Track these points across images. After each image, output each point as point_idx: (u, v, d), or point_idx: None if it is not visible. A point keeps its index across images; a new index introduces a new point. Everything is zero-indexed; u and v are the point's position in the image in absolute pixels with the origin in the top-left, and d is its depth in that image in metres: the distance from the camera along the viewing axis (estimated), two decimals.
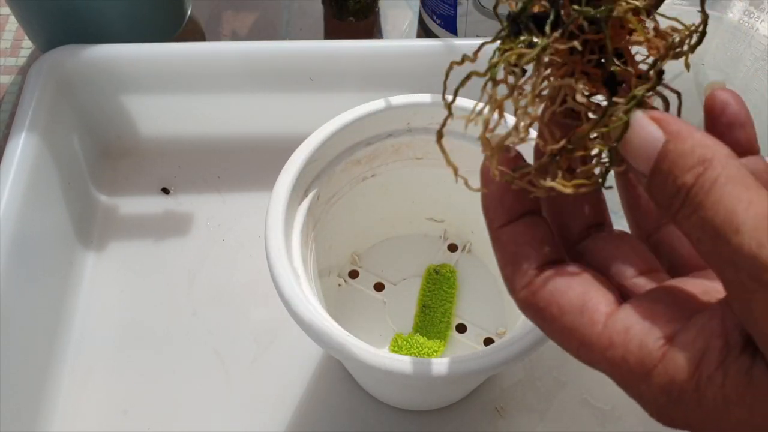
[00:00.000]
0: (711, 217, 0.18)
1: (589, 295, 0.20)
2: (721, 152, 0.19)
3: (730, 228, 0.17)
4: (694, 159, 0.19)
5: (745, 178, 0.18)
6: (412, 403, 0.43)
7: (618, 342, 0.19)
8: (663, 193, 0.19)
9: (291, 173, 0.37)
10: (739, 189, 0.18)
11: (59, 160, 0.47)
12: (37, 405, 0.42)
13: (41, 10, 0.52)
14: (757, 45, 0.44)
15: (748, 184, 0.18)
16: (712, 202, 0.18)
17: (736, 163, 0.18)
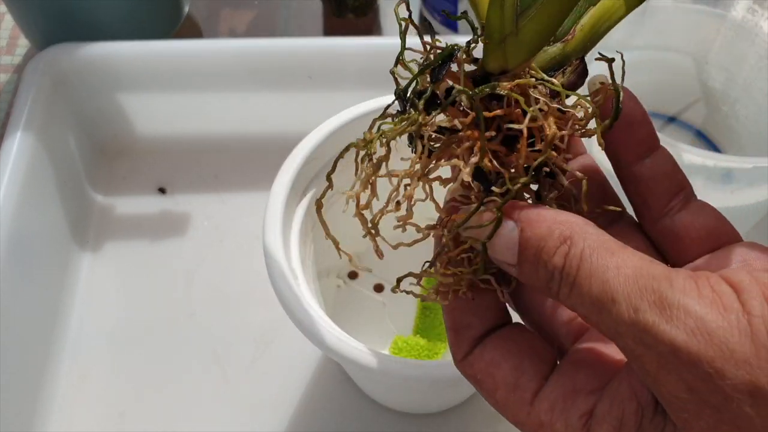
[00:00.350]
0: (587, 292, 0.17)
1: (521, 369, 0.20)
2: (577, 225, 0.19)
3: (607, 299, 0.17)
4: (555, 240, 0.18)
5: (607, 243, 0.18)
6: (413, 406, 0.42)
7: (546, 422, 0.19)
8: (537, 279, 0.19)
9: (289, 173, 0.37)
10: (605, 257, 0.18)
11: (55, 159, 0.47)
12: (34, 407, 0.42)
13: (37, 8, 0.52)
14: (761, 43, 0.44)
15: (611, 248, 0.18)
16: (585, 278, 0.18)
17: (594, 230, 0.18)
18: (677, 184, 0.22)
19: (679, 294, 0.16)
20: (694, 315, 0.16)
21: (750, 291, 0.16)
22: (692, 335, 0.16)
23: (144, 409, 0.43)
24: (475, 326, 0.21)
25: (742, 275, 0.16)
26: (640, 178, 0.22)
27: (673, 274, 0.17)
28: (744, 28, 0.45)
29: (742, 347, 0.15)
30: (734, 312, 0.16)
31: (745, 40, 0.45)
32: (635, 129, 0.21)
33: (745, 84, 0.46)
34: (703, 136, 0.50)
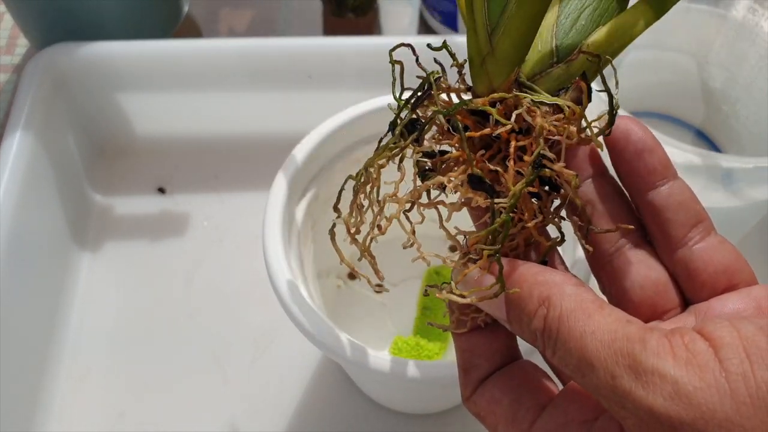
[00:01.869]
0: (568, 356, 0.18)
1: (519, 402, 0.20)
2: (556, 285, 0.19)
3: (586, 366, 0.17)
4: (534, 302, 0.19)
5: (584, 304, 0.18)
6: (413, 407, 0.42)
7: None
8: (525, 337, 0.19)
9: (289, 172, 0.37)
10: (582, 320, 0.18)
11: (54, 159, 0.47)
12: (34, 407, 0.42)
13: (37, 8, 0.52)
14: (761, 43, 0.44)
15: (588, 310, 0.18)
16: (564, 342, 0.18)
17: (572, 290, 0.18)
18: (695, 216, 0.22)
19: (653, 357, 0.16)
20: (669, 379, 0.16)
21: (730, 347, 0.16)
22: (670, 400, 0.15)
23: (144, 409, 0.43)
24: (482, 368, 0.22)
25: (724, 330, 0.16)
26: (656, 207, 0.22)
27: (647, 335, 0.17)
28: (745, 27, 0.45)
29: (723, 407, 0.15)
30: (711, 371, 0.15)
31: (745, 40, 0.45)
32: (646, 156, 0.21)
33: (745, 84, 0.46)
34: (703, 136, 0.50)
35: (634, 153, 0.21)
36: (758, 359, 0.15)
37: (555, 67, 0.22)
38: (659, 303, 0.21)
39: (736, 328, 0.16)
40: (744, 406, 0.15)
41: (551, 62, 0.22)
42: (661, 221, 0.22)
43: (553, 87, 0.22)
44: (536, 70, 0.22)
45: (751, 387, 0.15)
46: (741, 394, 0.15)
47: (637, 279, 0.21)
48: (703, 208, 0.22)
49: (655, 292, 0.21)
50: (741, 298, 0.20)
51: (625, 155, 0.21)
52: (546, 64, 0.22)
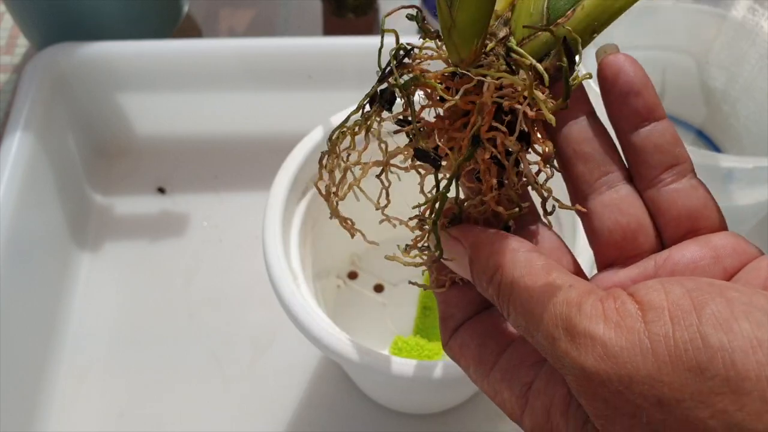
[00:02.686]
0: (518, 318, 0.19)
1: (484, 346, 0.22)
2: (510, 251, 0.20)
3: (532, 327, 0.19)
4: (489, 269, 0.20)
5: (532, 270, 0.19)
6: (414, 407, 0.42)
7: (498, 390, 0.22)
8: (487, 297, 0.21)
9: (289, 172, 0.37)
10: (529, 285, 0.19)
11: (54, 159, 0.47)
12: (33, 407, 0.42)
13: (36, 8, 0.52)
14: (761, 43, 0.44)
15: (536, 276, 0.19)
16: (514, 306, 0.19)
17: (523, 257, 0.20)
18: (672, 158, 0.22)
19: (586, 320, 0.18)
20: (599, 341, 0.17)
21: (656, 310, 0.17)
22: (600, 360, 0.17)
23: (143, 409, 0.43)
24: (456, 317, 0.23)
25: (654, 294, 0.17)
26: (633, 147, 0.22)
27: (584, 299, 0.18)
28: (745, 27, 0.45)
29: (645, 365, 0.16)
30: (636, 333, 0.17)
31: (745, 40, 0.45)
32: (631, 99, 0.22)
33: (745, 83, 0.46)
34: (703, 136, 0.50)
35: (620, 95, 0.22)
36: (679, 321, 0.16)
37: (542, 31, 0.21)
38: (627, 247, 0.22)
39: (665, 291, 0.17)
40: (664, 364, 0.16)
41: (540, 25, 0.21)
42: (637, 162, 0.22)
43: (542, 51, 0.21)
44: (526, 33, 0.22)
45: (671, 346, 0.16)
46: (661, 353, 0.16)
47: (606, 223, 0.22)
48: (686, 151, 0.22)
49: (623, 237, 0.22)
50: (700, 247, 0.21)
51: (611, 96, 0.22)
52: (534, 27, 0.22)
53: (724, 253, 0.21)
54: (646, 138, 0.22)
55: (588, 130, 0.23)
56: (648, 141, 0.22)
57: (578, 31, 0.21)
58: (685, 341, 0.16)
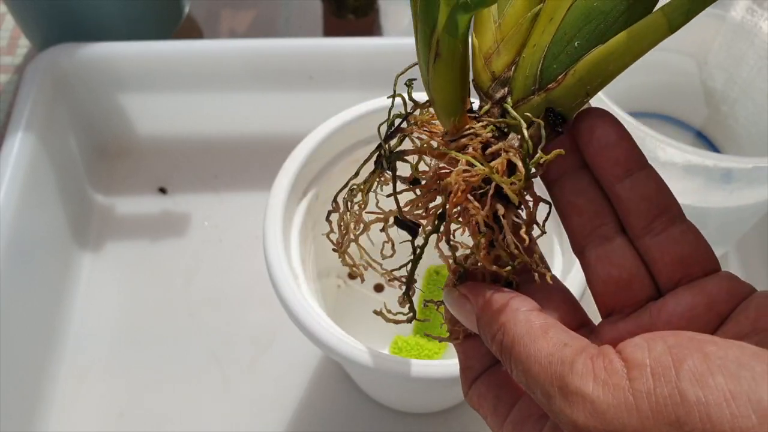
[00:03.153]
0: (520, 375, 0.20)
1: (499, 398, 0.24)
2: (510, 311, 0.21)
3: (532, 385, 0.20)
4: (494, 327, 0.21)
5: (531, 329, 0.20)
6: (413, 406, 0.42)
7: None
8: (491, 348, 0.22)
9: (289, 173, 0.37)
10: (528, 345, 0.20)
11: (56, 160, 0.47)
12: (33, 407, 0.42)
13: (38, 9, 0.52)
14: (760, 44, 0.44)
15: (534, 335, 0.20)
16: (516, 364, 0.21)
17: (523, 316, 0.21)
18: (659, 206, 0.22)
19: (578, 379, 0.19)
20: (588, 398, 0.18)
21: (640, 367, 0.18)
22: (589, 417, 0.18)
23: (144, 409, 0.43)
24: (475, 368, 0.24)
25: (638, 351, 0.18)
26: (619, 199, 0.23)
27: (576, 358, 0.19)
28: (743, 28, 0.45)
29: (630, 421, 0.17)
30: (622, 390, 0.18)
31: (744, 41, 0.45)
32: (609, 151, 0.22)
33: (744, 84, 0.46)
34: (703, 137, 0.50)
35: (598, 148, 0.22)
36: (660, 377, 0.17)
37: (534, 95, 0.21)
38: (622, 297, 0.23)
39: (648, 348, 0.18)
40: (647, 419, 0.17)
41: (532, 89, 0.21)
42: (626, 213, 0.23)
43: (535, 115, 0.21)
44: (520, 96, 0.21)
45: (652, 402, 0.17)
46: (644, 409, 0.17)
47: (601, 275, 0.23)
48: (672, 196, 0.23)
49: (617, 288, 0.23)
50: (693, 295, 0.22)
51: (590, 150, 0.22)
52: (528, 90, 0.21)
53: (717, 299, 0.22)
54: (630, 189, 0.22)
55: (580, 181, 0.23)
56: (633, 192, 0.22)
57: (570, 94, 0.21)
58: (665, 397, 0.17)
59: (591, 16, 0.20)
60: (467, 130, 0.22)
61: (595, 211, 0.23)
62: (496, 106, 0.22)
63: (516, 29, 0.22)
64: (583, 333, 0.23)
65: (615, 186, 0.22)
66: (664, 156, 0.38)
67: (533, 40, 0.21)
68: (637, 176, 0.22)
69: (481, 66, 0.22)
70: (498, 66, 0.22)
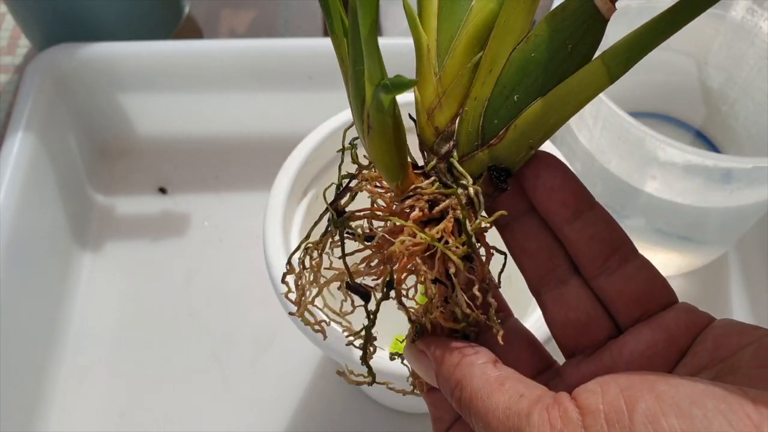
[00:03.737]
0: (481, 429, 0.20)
1: None
2: (466, 367, 0.21)
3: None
4: (452, 382, 0.21)
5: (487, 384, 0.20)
6: (413, 406, 0.42)
7: None
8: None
9: (290, 173, 0.37)
10: (485, 399, 0.20)
11: (56, 160, 0.47)
12: (34, 407, 0.42)
13: (38, 9, 0.52)
14: (760, 44, 0.44)
15: (490, 390, 0.20)
16: (475, 418, 0.20)
17: (479, 371, 0.21)
18: (611, 245, 0.22)
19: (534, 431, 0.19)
20: None
21: (594, 414, 0.18)
22: None
23: (144, 409, 0.43)
24: (445, 419, 0.24)
25: (591, 398, 0.18)
26: (570, 241, 0.23)
27: (533, 408, 0.19)
28: (743, 28, 0.45)
29: None
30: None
31: (744, 41, 0.45)
32: (555, 194, 0.22)
33: (744, 84, 0.46)
34: (703, 137, 0.50)
35: (544, 192, 0.22)
36: (614, 423, 0.17)
37: (478, 150, 0.21)
38: (581, 338, 0.23)
39: (602, 393, 0.18)
40: None
41: (476, 144, 0.21)
42: (578, 254, 0.23)
43: (477, 171, 0.21)
44: (465, 151, 0.21)
45: None
46: None
47: (559, 318, 0.23)
48: (623, 233, 0.23)
49: (575, 330, 0.23)
50: (653, 330, 0.22)
51: (536, 194, 0.22)
52: (472, 146, 0.21)
53: (676, 333, 0.22)
54: (580, 231, 0.22)
55: (530, 225, 0.23)
56: (582, 233, 0.22)
57: (513, 149, 0.21)
58: None
59: (529, 69, 0.20)
60: (412, 190, 0.21)
61: (548, 255, 0.23)
62: (443, 161, 0.21)
63: (457, 81, 0.21)
64: (548, 375, 0.23)
65: (564, 228, 0.22)
66: (664, 156, 0.38)
67: (474, 93, 0.21)
68: (586, 217, 0.22)
69: (425, 121, 0.22)
70: (441, 120, 0.22)
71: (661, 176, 0.40)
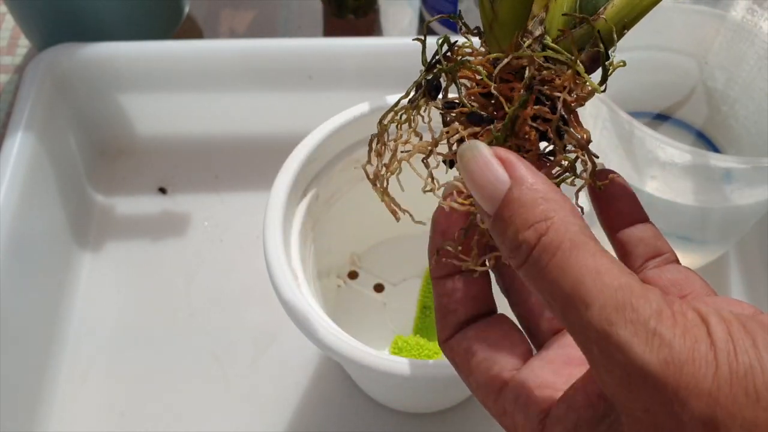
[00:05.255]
0: (558, 285, 0.17)
1: (493, 360, 0.21)
2: (564, 211, 0.18)
3: (579, 301, 0.17)
4: (536, 214, 0.18)
5: (589, 242, 0.17)
6: (413, 406, 0.42)
7: (509, 411, 0.20)
8: (504, 242, 0.18)
9: (290, 173, 0.37)
10: (586, 257, 0.17)
11: (56, 160, 0.47)
12: (34, 407, 0.42)
13: (38, 8, 0.52)
14: (760, 43, 0.44)
15: (592, 250, 0.17)
16: (559, 270, 0.17)
17: (579, 223, 0.18)
18: (655, 249, 0.24)
19: (656, 319, 0.16)
20: (668, 344, 0.16)
21: (717, 325, 0.16)
22: (665, 364, 0.16)
23: (144, 409, 0.43)
24: (459, 313, 0.22)
25: (708, 309, 0.17)
26: (619, 242, 0.24)
27: (650, 293, 0.17)
28: (744, 28, 0.45)
29: (706, 381, 0.15)
30: (703, 344, 0.16)
31: (744, 41, 0.45)
32: (616, 201, 0.24)
33: (744, 84, 0.46)
34: (703, 137, 0.50)
35: (609, 197, 0.24)
36: (739, 341, 0.16)
37: (577, 28, 0.22)
38: None
39: (718, 311, 0.16)
40: (725, 384, 0.15)
41: (573, 22, 0.22)
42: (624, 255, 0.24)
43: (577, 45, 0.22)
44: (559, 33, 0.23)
45: (733, 367, 0.15)
46: (724, 372, 0.15)
47: None
48: (668, 246, 0.24)
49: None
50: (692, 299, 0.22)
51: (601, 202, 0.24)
52: (569, 24, 0.22)
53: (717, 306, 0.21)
54: (630, 234, 0.24)
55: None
56: (632, 236, 0.24)
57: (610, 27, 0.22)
58: (746, 364, 0.15)
59: None
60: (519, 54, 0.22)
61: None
62: (537, 42, 0.22)
63: None
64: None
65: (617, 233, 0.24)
66: (664, 156, 0.38)
67: None
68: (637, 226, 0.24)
69: None
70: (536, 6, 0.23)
71: (661, 176, 0.40)
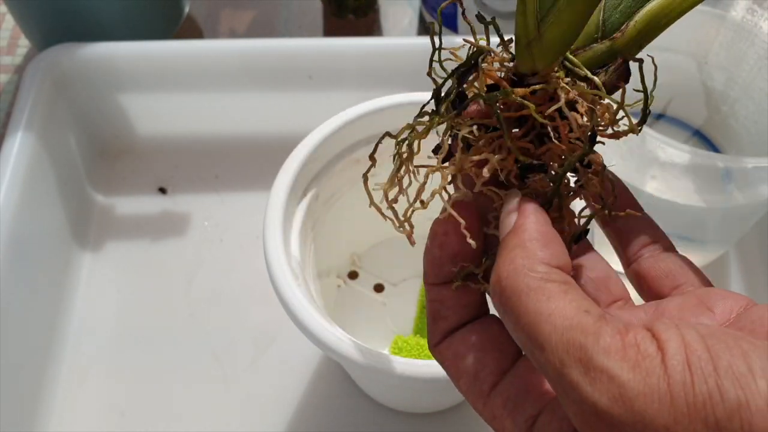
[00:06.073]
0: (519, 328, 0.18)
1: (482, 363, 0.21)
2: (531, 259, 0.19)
3: (535, 344, 0.17)
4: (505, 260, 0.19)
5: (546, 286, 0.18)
6: (413, 406, 0.42)
7: (498, 416, 0.21)
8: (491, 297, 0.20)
9: (290, 173, 0.37)
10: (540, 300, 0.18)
11: (56, 160, 0.47)
12: (34, 406, 0.42)
13: (38, 8, 0.52)
14: (760, 43, 0.44)
15: (551, 293, 0.18)
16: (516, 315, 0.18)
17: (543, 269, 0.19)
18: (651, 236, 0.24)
19: (603, 355, 0.16)
20: (617, 381, 0.16)
21: (674, 353, 0.16)
22: (614, 401, 0.16)
23: (144, 409, 0.43)
24: (450, 319, 0.22)
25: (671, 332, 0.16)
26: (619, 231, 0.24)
27: (602, 329, 0.17)
28: (744, 28, 0.45)
29: (662, 414, 0.15)
30: (656, 377, 0.16)
31: (744, 41, 0.45)
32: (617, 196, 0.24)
33: (744, 84, 0.46)
34: (702, 136, 0.50)
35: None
36: (698, 370, 0.15)
37: (599, 43, 0.22)
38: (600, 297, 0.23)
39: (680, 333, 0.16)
40: (681, 416, 0.15)
41: (595, 36, 0.22)
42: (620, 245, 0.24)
43: (593, 63, 0.22)
44: (579, 44, 0.22)
45: (689, 396, 0.15)
46: (680, 404, 0.15)
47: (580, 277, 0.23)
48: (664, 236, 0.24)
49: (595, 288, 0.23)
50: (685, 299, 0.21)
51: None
52: (590, 38, 0.22)
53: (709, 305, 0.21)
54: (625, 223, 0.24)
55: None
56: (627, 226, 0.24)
57: (630, 44, 0.22)
58: (704, 393, 0.15)
59: None
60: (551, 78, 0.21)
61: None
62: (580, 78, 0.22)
63: None
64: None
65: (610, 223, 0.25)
66: (664, 156, 0.38)
67: None
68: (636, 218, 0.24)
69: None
70: None
71: (661, 176, 0.40)
